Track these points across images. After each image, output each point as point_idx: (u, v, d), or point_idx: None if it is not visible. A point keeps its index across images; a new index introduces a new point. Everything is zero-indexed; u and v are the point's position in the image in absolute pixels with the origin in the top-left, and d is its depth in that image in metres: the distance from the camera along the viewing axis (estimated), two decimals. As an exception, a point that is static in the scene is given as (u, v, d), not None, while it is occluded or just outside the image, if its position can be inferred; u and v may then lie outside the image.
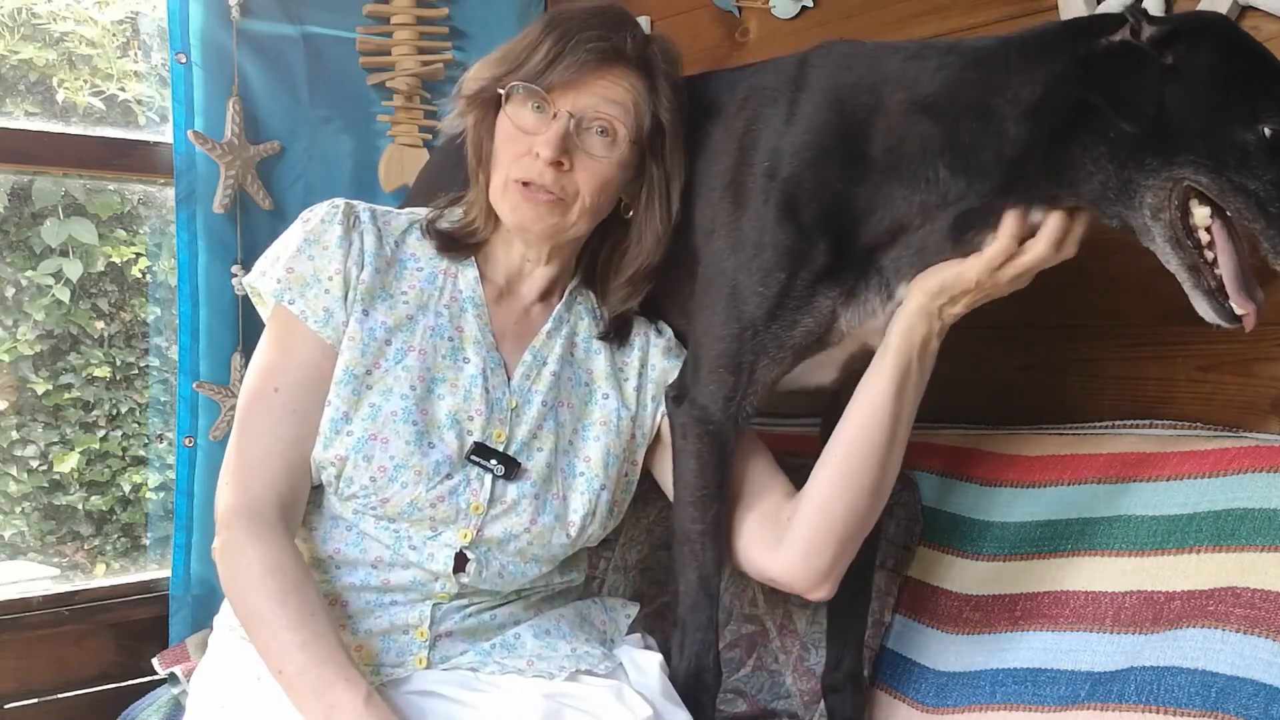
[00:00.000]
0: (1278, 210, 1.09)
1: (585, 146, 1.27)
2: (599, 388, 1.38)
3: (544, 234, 1.30)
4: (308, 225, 1.30)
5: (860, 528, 1.32)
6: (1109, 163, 1.14)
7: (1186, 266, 1.14)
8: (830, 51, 1.32)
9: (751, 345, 1.29)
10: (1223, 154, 1.10)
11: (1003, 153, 1.18)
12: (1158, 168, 1.12)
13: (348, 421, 1.25)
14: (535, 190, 1.26)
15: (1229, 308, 1.14)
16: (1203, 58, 1.12)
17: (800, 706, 1.56)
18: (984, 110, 1.18)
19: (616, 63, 1.27)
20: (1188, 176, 1.11)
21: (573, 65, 1.25)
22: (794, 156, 1.27)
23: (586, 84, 1.26)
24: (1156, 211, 1.13)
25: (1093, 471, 1.45)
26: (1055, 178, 1.17)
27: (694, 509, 1.34)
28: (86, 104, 2.13)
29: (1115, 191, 1.15)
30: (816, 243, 1.25)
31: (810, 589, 1.33)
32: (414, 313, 1.31)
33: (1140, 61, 1.12)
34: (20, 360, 2.16)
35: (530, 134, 1.26)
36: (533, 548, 1.31)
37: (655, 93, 1.30)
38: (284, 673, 1.15)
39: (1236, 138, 1.09)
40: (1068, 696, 1.31)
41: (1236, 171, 1.09)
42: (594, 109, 1.26)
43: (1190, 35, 1.13)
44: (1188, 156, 1.11)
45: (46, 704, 1.87)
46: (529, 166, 1.26)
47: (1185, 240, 1.14)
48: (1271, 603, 1.21)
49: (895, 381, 1.27)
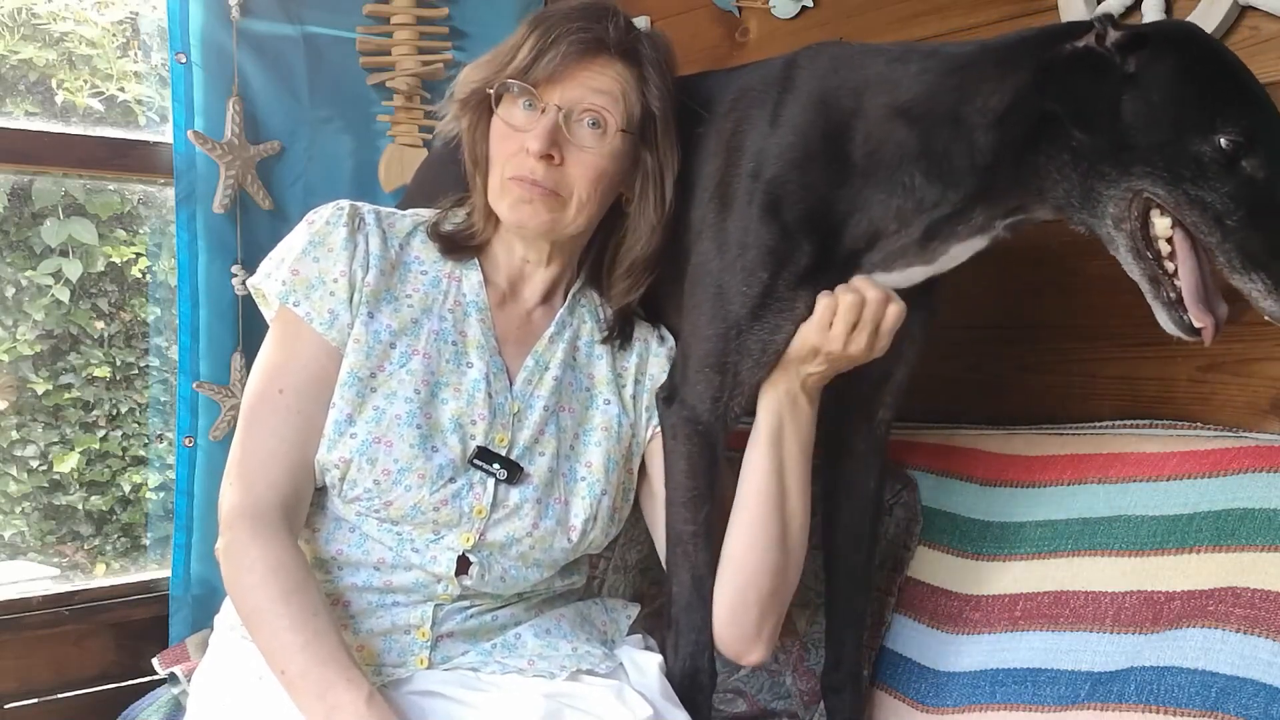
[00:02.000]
0: (1234, 223, 1.08)
1: (576, 139, 1.27)
2: (600, 393, 1.39)
3: (541, 231, 1.30)
4: (313, 227, 1.30)
5: (778, 584, 1.33)
6: (1072, 171, 1.14)
7: (1147, 277, 1.14)
8: (818, 53, 1.32)
9: (736, 345, 1.29)
10: (1179, 165, 1.08)
11: (974, 161, 1.18)
12: (1116, 178, 1.11)
13: (352, 424, 1.25)
14: (529, 185, 1.26)
15: (1187, 320, 1.12)
16: (1164, 66, 1.10)
17: (800, 706, 1.56)
18: (956, 118, 1.19)
19: (600, 52, 1.27)
20: (1145, 187, 1.10)
21: (556, 58, 1.25)
22: (778, 158, 1.27)
23: (572, 76, 1.26)
24: (1118, 222, 1.13)
25: (1093, 471, 1.45)
26: (1023, 186, 1.18)
27: (685, 510, 1.34)
28: (86, 104, 2.13)
29: (1079, 200, 1.15)
30: (800, 244, 1.26)
31: (741, 652, 1.34)
32: (418, 316, 1.31)
33: (1100, 68, 1.11)
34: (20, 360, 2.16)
35: (521, 131, 1.26)
36: (534, 552, 1.31)
37: (644, 81, 1.30)
38: (286, 673, 1.15)
39: (1192, 149, 1.08)
40: (1068, 696, 1.31)
41: (1192, 184, 1.08)
42: (582, 100, 1.26)
43: (1156, 43, 1.11)
44: (1144, 168, 1.10)
45: (46, 704, 1.87)
46: (521, 163, 1.26)
47: (1145, 251, 1.13)
48: (1271, 603, 1.21)
49: (769, 436, 1.31)
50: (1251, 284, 1.09)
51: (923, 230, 1.23)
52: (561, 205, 1.28)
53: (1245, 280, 1.09)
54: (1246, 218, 1.08)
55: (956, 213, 1.21)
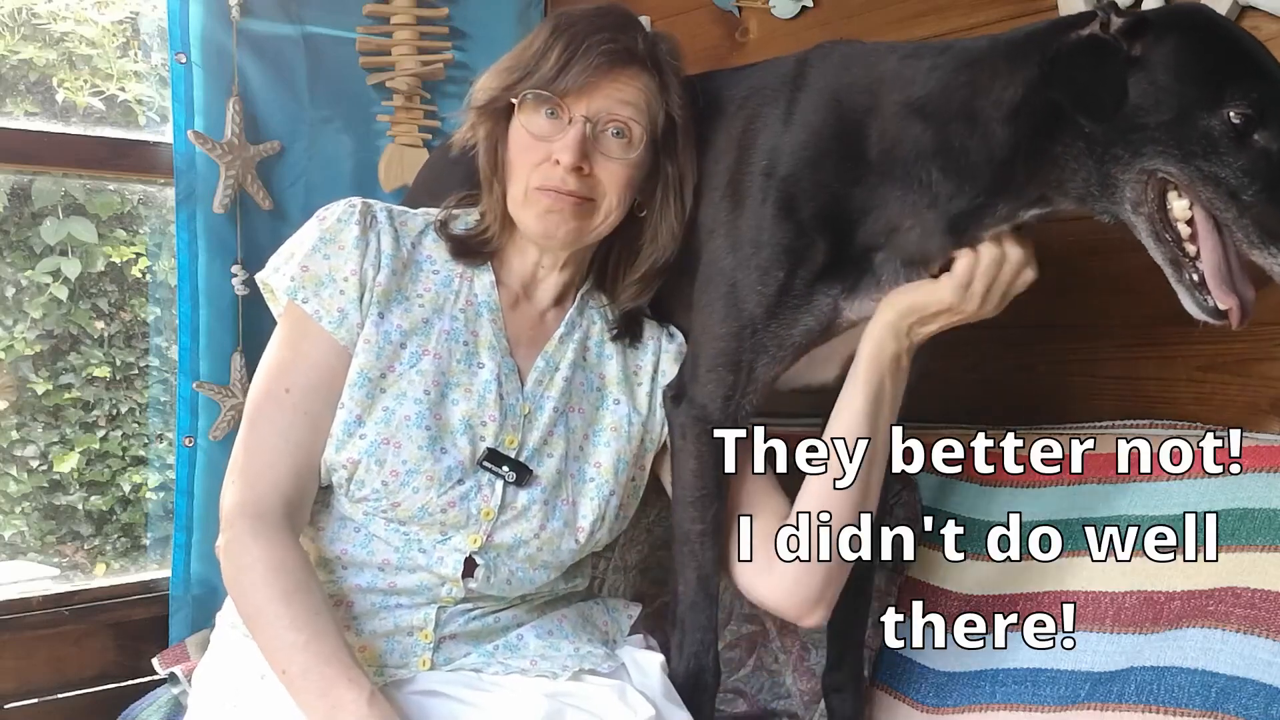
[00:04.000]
0: (1250, 198, 1.06)
1: (602, 149, 1.26)
2: (610, 392, 1.38)
3: (568, 241, 1.29)
4: (324, 224, 1.29)
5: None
6: (1088, 159, 1.13)
7: (1168, 260, 1.13)
8: (829, 52, 1.32)
9: (751, 344, 1.29)
10: (1189, 142, 1.07)
11: (991, 155, 1.18)
12: (1129, 160, 1.11)
13: (361, 425, 1.25)
14: (558, 196, 1.25)
15: (1210, 303, 1.11)
16: (1169, 46, 1.10)
17: (800, 706, 1.56)
18: (971, 113, 1.18)
19: (629, 64, 1.27)
20: (1159, 167, 1.09)
21: (586, 69, 1.24)
22: (792, 155, 1.27)
23: (600, 87, 1.26)
24: (1136, 205, 1.12)
25: (1093, 471, 1.46)
26: (1041, 178, 1.17)
27: (693, 509, 1.33)
28: (86, 104, 2.13)
29: (1098, 188, 1.14)
30: (815, 241, 1.26)
31: (801, 615, 1.33)
32: (429, 316, 1.31)
33: (1104, 55, 1.10)
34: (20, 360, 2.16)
35: (546, 141, 1.26)
36: (541, 554, 1.31)
37: (666, 90, 1.30)
38: (287, 672, 1.15)
39: (1202, 125, 1.07)
40: (1068, 696, 1.31)
41: (1204, 159, 1.07)
42: (608, 111, 1.26)
43: (1160, 25, 1.11)
44: (1155, 147, 1.09)
45: (46, 704, 1.87)
46: (549, 173, 1.25)
47: (1164, 234, 1.12)
48: (1271, 603, 1.21)
49: (869, 399, 1.27)
50: (1272, 258, 1.07)
51: (941, 226, 1.22)
52: (591, 212, 1.28)
53: (1265, 255, 1.07)
54: (1262, 191, 1.06)
55: (979, 207, 1.20)
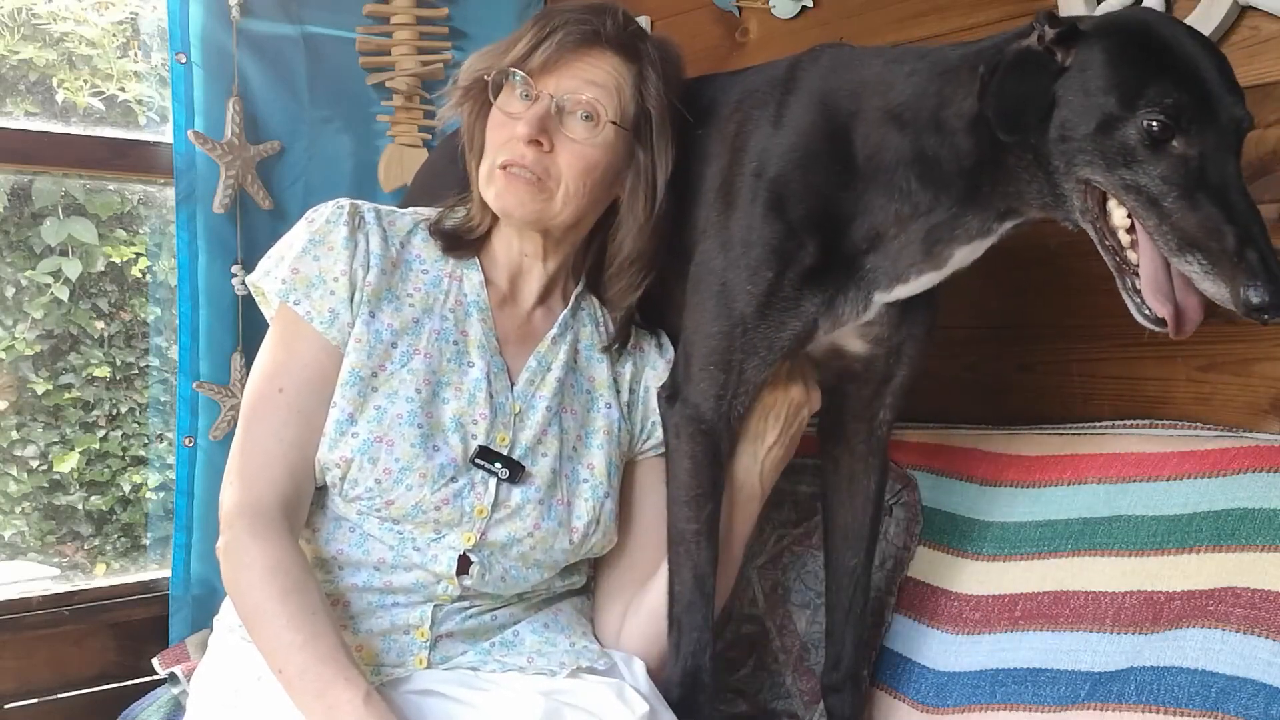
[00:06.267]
0: (1170, 205, 1.06)
1: (568, 129, 1.28)
2: (601, 395, 1.39)
3: (527, 219, 1.30)
4: (313, 225, 1.30)
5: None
6: (1037, 169, 1.13)
7: (1113, 267, 1.13)
8: (820, 55, 1.33)
9: (741, 343, 1.29)
10: (1111, 152, 1.08)
11: (960, 165, 1.18)
12: (1065, 170, 1.11)
13: (353, 423, 1.25)
14: (517, 172, 1.27)
15: (1148, 310, 1.11)
16: (1094, 55, 1.10)
17: (800, 706, 1.56)
18: (939, 123, 1.19)
19: (595, 44, 1.29)
20: (1089, 176, 1.10)
21: (551, 47, 1.27)
22: (781, 157, 1.28)
23: (567, 65, 1.28)
24: (1083, 214, 1.13)
25: (1093, 471, 1.45)
26: (1002, 190, 1.18)
27: (688, 508, 1.34)
28: (86, 104, 2.13)
29: (1051, 198, 1.14)
30: (804, 243, 1.26)
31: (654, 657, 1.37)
32: (419, 315, 1.31)
33: (1033, 66, 1.11)
34: (20, 360, 2.16)
35: (516, 119, 1.27)
36: (535, 553, 1.31)
37: (642, 79, 1.31)
38: (284, 672, 1.15)
39: (1118, 134, 1.07)
40: (1068, 696, 1.31)
41: (1126, 168, 1.07)
42: (575, 91, 1.28)
43: (1089, 34, 1.11)
44: (1084, 157, 1.09)
45: (46, 704, 1.87)
46: (512, 149, 1.27)
47: (1106, 241, 1.12)
48: (1271, 603, 1.21)
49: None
50: (1188, 265, 1.06)
51: (923, 235, 1.23)
52: (548, 195, 1.28)
53: (1183, 262, 1.07)
54: (1181, 199, 1.06)
55: (952, 218, 1.21)
